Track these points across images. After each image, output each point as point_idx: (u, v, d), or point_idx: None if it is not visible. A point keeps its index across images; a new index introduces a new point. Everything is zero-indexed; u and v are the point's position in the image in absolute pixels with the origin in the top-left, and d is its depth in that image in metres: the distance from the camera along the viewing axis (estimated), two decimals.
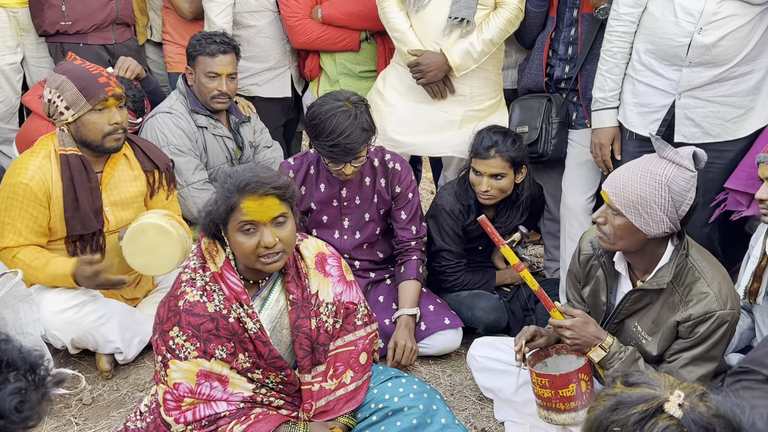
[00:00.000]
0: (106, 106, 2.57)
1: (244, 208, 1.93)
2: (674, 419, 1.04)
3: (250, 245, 1.95)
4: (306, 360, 2.10)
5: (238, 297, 2.01)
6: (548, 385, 2.17)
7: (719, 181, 2.66)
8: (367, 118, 2.63)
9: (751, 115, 2.59)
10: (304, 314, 2.10)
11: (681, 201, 1.99)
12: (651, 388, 1.10)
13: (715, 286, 2.05)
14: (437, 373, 2.83)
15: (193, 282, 2.02)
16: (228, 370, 2.01)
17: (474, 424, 2.52)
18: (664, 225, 2.01)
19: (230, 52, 3.16)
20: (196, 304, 1.99)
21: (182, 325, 1.97)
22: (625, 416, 1.07)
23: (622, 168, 2.08)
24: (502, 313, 2.97)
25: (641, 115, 2.71)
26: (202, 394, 1.99)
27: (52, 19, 3.36)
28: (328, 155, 2.64)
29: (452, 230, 2.98)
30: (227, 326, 2.00)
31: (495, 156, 2.83)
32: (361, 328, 2.23)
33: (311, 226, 2.96)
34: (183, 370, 1.98)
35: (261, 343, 2.02)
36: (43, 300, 2.59)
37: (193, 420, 1.98)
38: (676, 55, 2.56)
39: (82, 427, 2.46)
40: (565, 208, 3.12)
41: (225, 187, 1.96)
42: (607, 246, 2.11)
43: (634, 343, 2.20)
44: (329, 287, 2.17)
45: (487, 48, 2.99)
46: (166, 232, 2.50)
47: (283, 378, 2.09)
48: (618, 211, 2.03)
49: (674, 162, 1.99)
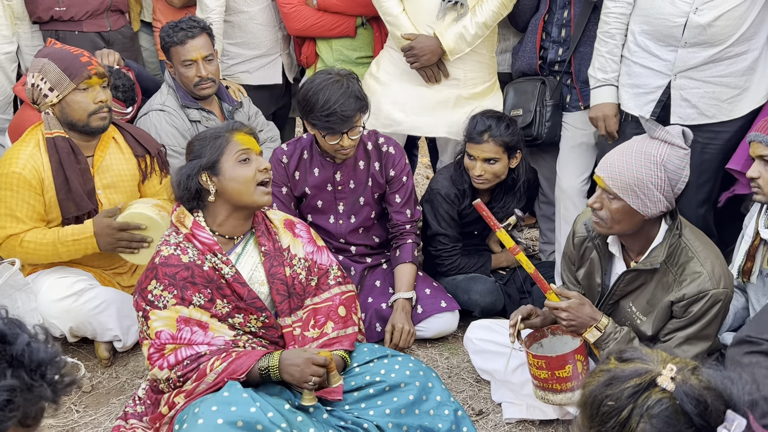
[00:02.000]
0: (89, 85, 2.56)
1: (238, 140, 2.15)
2: (666, 392, 1.07)
3: (250, 174, 2.13)
4: (284, 304, 2.22)
5: (211, 248, 2.13)
6: (545, 366, 2.20)
7: (715, 162, 2.67)
8: (358, 88, 2.66)
9: (746, 95, 2.60)
10: (278, 262, 2.24)
11: (677, 179, 2.01)
12: (644, 363, 1.12)
13: (708, 265, 2.07)
14: (434, 356, 2.85)
15: (167, 241, 2.16)
16: (208, 317, 2.11)
17: (471, 406, 2.54)
18: (661, 204, 2.02)
19: (200, 34, 3.03)
20: (170, 256, 2.12)
21: (159, 277, 2.09)
22: (619, 390, 1.09)
23: (614, 152, 2.08)
24: (498, 296, 2.98)
25: (636, 96, 2.71)
26: (183, 338, 2.08)
27: (46, 5, 3.33)
28: (325, 127, 2.64)
29: (448, 214, 2.99)
30: (202, 274, 2.11)
31: (488, 141, 2.83)
32: (335, 286, 2.35)
33: (306, 212, 2.96)
34: (163, 318, 2.08)
35: (239, 285, 2.14)
36: (40, 289, 2.59)
37: (175, 362, 2.06)
38: (672, 36, 2.56)
39: (82, 414, 2.48)
40: (560, 190, 3.13)
41: (209, 134, 2.17)
42: (604, 231, 2.12)
43: (629, 323, 2.22)
44: (300, 245, 2.32)
45: (481, 31, 2.98)
46: (154, 223, 2.52)
47: (264, 321, 2.17)
48: (615, 195, 2.03)
49: (666, 141, 2.00)
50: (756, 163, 2.26)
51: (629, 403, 1.08)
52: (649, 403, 1.06)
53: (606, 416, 1.09)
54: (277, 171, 2.85)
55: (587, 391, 1.14)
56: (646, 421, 1.06)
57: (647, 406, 1.06)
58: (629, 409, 1.07)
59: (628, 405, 1.07)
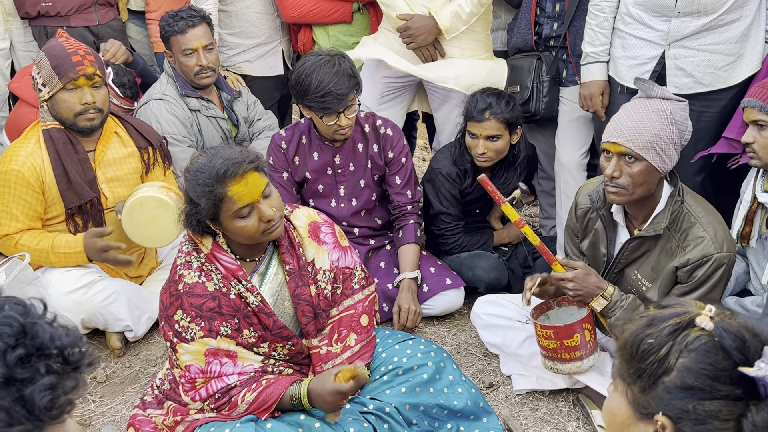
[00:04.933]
0: (77, 86, 2.54)
1: (234, 196, 1.88)
2: (705, 330, 1.10)
3: (252, 226, 1.94)
4: (310, 326, 2.14)
5: (235, 274, 2.02)
6: (553, 336, 2.24)
7: (711, 129, 2.70)
8: (350, 66, 2.64)
9: (741, 62, 2.62)
10: (303, 282, 2.12)
11: (684, 130, 2.08)
12: (683, 308, 1.16)
13: (710, 230, 2.10)
14: (442, 333, 2.89)
15: (189, 265, 2.03)
16: (234, 345, 2.04)
17: (481, 380, 2.58)
18: (674, 158, 2.08)
19: (200, 24, 3.05)
20: (195, 285, 2.00)
21: (185, 308, 1.98)
22: (658, 329, 1.13)
23: (620, 117, 2.11)
24: (502, 271, 3.01)
25: (631, 67, 2.73)
26: (213, 372, 2.01)
27: (33, 0, 3.32)
28: (320, 107, 2.64)
29: (449, 193, 3.01)
30: (229, 303, 2.02)
31: (490, 118, 2.84)
32: (359, 291, 2.24)
33: (308, 196, 2.98)
34: (191, 352, 2.00)
35: (264, 315, 2.04)
36: (50, 282, 2.61)
37: (207, 396, 2.01)
38: (665, 6, 2.57)
39: (98, 404, 2.51)
40: (559, 165, 3.16)
41: (201, 183, 1.88)
42: (624, 199, 2.12)
43: (635, 290, 2.25)
44: (325, 255, 2.18)
45: (476, 9, 2.98)
46: (165, 204, 2.52)
47: (290, 348, 2.12)
48: (636, 156, 2.05)
49: (665, 98, 2.05)
50: (750, 129, 2.29)
51: (669, 340, 1.11)
52: (689, 340, 1.10)
53: (645, 353, 1.13)
54: (276, 157, 2.87)
55: (627, 334, 1.17)
56: (685, 357, 1.10)
57: (686, 342, 1.10)
58: (668, 346, 1.11)
59: (667, 342, 1.11)
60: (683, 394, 1.10)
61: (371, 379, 2.18)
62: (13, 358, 0.87)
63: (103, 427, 2.40)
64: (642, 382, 1.14)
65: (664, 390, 1.11)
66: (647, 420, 1.14)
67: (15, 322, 0.89)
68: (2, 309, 0.91)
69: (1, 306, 0.91)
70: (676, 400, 1.11)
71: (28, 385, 0.87)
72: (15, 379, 0.87)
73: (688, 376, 1.09)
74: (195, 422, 2.02)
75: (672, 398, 1.11)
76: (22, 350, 0.88)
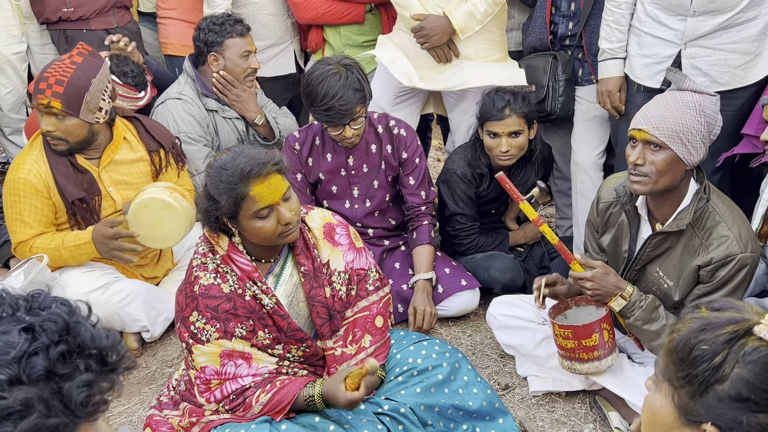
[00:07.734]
0: (39, 111, 2.54)
1: (255, 196, 1.89)
2: (764, 341, 1.08)
3: (270, 228, 1.94)
4: (325, 327, 2.13)
5: (250, 276, 2.02)
6: (571, 336, 2.22)
7: (729, 129, 2.67)
8: (359, 78, 2.63)
9: (759, 60, 2.60)
10: (318, 284, 2.11)
11: (713, 124, 2.05)
12: (739, 313, 1.13)
13: (735, 229, 2.08)
14: (458, 334, 2.88)
15: (204, 266, 2.03)
16: (249, 347, 2.04)
17: (497, 381, 2.57)
18: (701, 152, 2.05)
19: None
20: (210, 287, 2.00)
21: (200, 309, 1.99)
22: (714, 336, 1.10)
23: (650, 105, 2.09)
24: (518, 272, 3.00)
25: (647, 66, 2.71)
26: (228, 373, 2.01)
27: (54, 6, 3.35)
28: (324, 120, 2.66)
29: (465, 194, 3.00)
30: (244, 304, 2.01)
31: (510, 114, 2.84)
32: (374, 293, 2.23)
33: (321, 198, 2.98)
34: (206, 354, 2.00)
35: (279, 317, 2.04)
36: (68, 283, 2.62)
37: (222, 397, 2.01)
38: (681, 5, 2.56)
39: (115, 404, 2.52)
40: (576, 165, 3.14)
41: (224, 180, 1.89)
42: (648, 188, 2.09)
43: (656, 288, 2.23)
44: (340, 256, 2.17)
45: (491, 8, 2.97)
46: (169, 206, 2.52)
47: (304, 350, 2.11)
48: (661, 144, 2.03)
49: (696, 91, 2.04)
50: None
51: (724, 348, 1.08)
52: (746, 350, 1.07)
53: (698, 359, 1.10)
54: (290, 158, 2.87)
55: (677, 337, 1.14)
56: (742, 367, 1.07)
57: (744, 352, 1.07)
58: (723, 354, 1.08)
59: (723, 350, 1.08)
60: (736, 405, 1.07)
61: (386, 379, 2.17)
62: (56, 354, 0.91)
63: (120, 427, 2.41)
64: (691, 387, 1.11)
65: (716, 399, 1.09)
66: (694, 426, 1.11)
67: (60, 319, 0.93)
68: (50, 307, 0.95)
69: (49, 304, 0.96)
70: (728, 411, 1.08)
71: (67, 380, 0.91)
72: (55, 374, 0.90)
73: (743, 388, 1.06)
74: (210, 423, 2.02)
75: (723, 408, 1.08)
76: (64, 347, 0.92)
